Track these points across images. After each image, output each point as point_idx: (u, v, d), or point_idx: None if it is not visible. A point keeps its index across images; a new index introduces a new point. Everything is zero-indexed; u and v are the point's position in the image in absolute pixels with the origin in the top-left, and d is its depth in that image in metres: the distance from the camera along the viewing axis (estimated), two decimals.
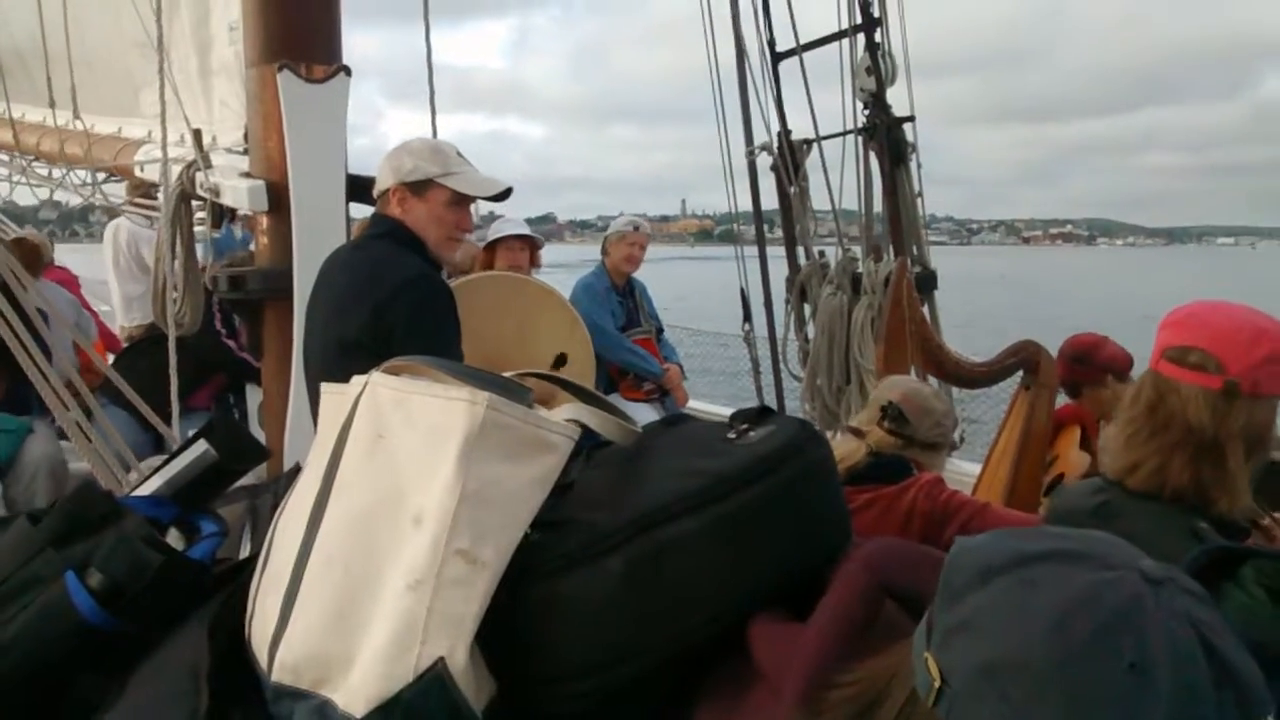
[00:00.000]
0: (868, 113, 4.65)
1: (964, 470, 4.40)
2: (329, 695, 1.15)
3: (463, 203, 3.01)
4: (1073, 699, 0.75)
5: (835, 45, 4.71)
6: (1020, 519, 2.77)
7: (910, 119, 4.62)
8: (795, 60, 4.81)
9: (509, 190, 3.09)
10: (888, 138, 4.54)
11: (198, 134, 3.65)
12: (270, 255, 3.51)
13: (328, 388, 1.40)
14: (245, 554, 1.74)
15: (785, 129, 4.95)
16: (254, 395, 4.53)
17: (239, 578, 1.42)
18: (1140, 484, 1.89)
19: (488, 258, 5.17)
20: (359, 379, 1.33)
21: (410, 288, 2.84)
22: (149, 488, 1.58)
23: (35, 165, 5.11)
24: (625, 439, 1.46)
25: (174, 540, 1.51)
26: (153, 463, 1.92)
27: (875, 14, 4.57)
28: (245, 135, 3.63)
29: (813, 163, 4.95)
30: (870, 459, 2.76)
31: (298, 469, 1.46)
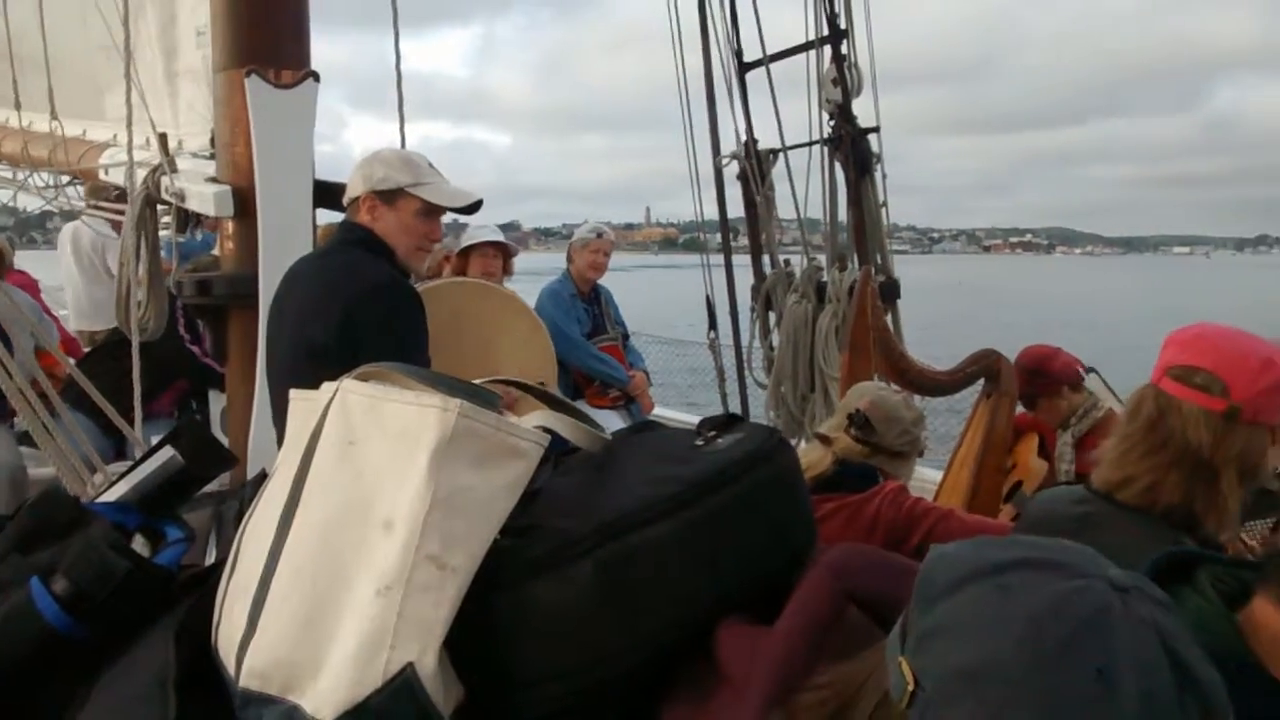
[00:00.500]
0: (833, 123, 4.69)
1: (926, 476, 4.43)
2: (297, 700, 1.15)
3: (433, 213, 3.02)
4: (1043, 703, 0.77)
5: (802, 56, 4.76)
6: (984, 525, 2.80)
7: (875, 129, 4.66)
8: (762, 70, 4.85)
9: (479, 202, 3.11)
10: (853, 148, 4.58)
11: (163, 138, 3.62)
12: (236, 260, 3.48)
13: (297, 394, 1.40)
14: (211, 560, 1.74)
15: (752, 138, 4.99)
16: (217, 401, 4.50)
17: (205, 584, 1.42)
18: (1132, 499, 1.90)
19: (461, 264, 5.17)
20: (329, 385, 1.33)
21: (380, 293, 2.85)
22: (115, 493, 1.56)
23: None
24: (594, 446, 1.46)
25: (140, 546, 1.50)
26: (118, 468, 1.91)
27: (842, 26, 4.61)
28: (212, 140, 3.61)
29: (779, 172, 4.99)
30: (837, 466, 2.78)
31: (264, 475, 1.46)
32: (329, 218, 3.58)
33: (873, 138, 4.67)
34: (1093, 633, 0.79)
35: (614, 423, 5.11)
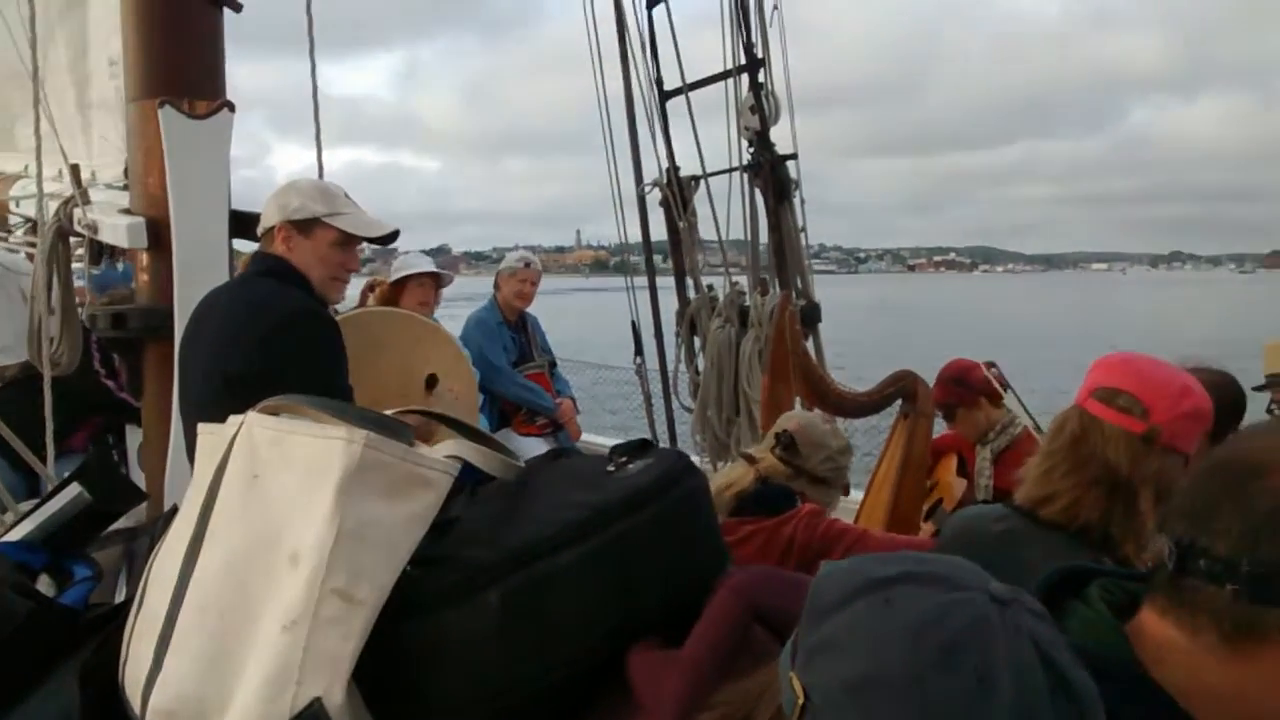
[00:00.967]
0: (752, 150, 4.75)
1: (848, 498, 4.49)
2: None
3: (349, 243, 3.00)
4: (925, 709, 0.80)
5: (721, 84, 4.83)
6: (900, 542, 2.84)
7: (793, 156, 4.73)
8: (684, 97, 4.91)
9: (396, 232, 3.10)
10: (772, 174, 4.65)
11: (75, 169, 3.56)
12: (151, 293, 3.43)
13: (204, 428, 1.40)
14: (121, 597, 1.71)
15: (674, 165, 5.04)
16: (134, 436, 4.40)
17: (113, 621, 1.40)
18: (1052, 516, 1.96)
19: (394, 294, 5.14)
20: (235, 419, 1.33)
21: (297, 323, 2.81)
22: (19, 532, 1.54)
23: None
24: (508, 474, 1.47)
25: (45, 587, 1.48)
26: (29, 506, 1.88)
27: (759, 55, 4.69)
28: (126, 171, 3.56)
29: (701, 196, 5.04)
30: (757, 485, 2.80)
31: (175, 510, 1.45)
32: (249, 248, 3.54)
33: (791, 164, 4.74)
34: (972, 641, 0.82)
35: (541, 450, 5.11)
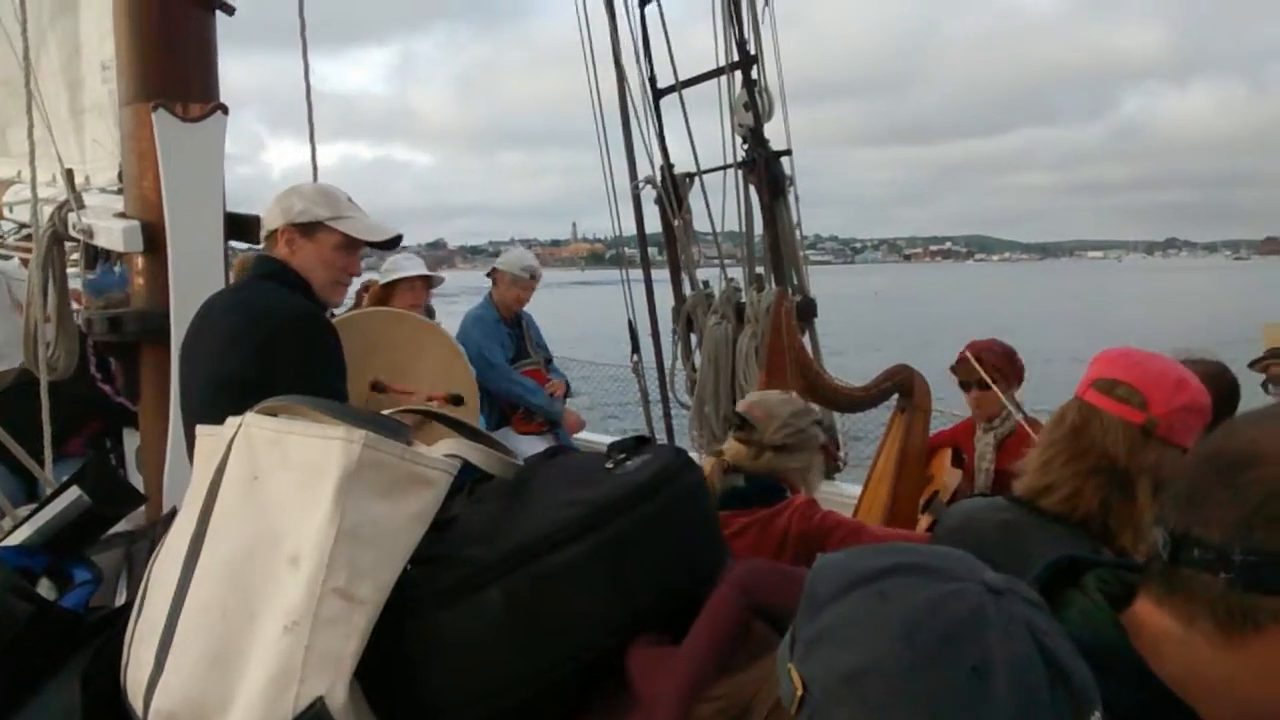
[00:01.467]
0: (746, 147, 4.76)
1: (846, 492, 4.51)
2: None
3: (352, 247, 3.03)
4: (923, 701, 0.80)
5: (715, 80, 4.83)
6: (895, 535, 2.85)
7: (787, 153, 4.74)
8: (677, 93, 4.92)
9: (399, 237, 3.13)
10: (766, 171, 4.66)
11: (70, 174, 3.56)
12: (147, 296, 3.43)
13: (202, 429, 1.40)
14: (121, 601, 1.71)
15: (668, 162, 5.05)
16: (131, 440, 4.41)
17: (114, 625, 1.40)
18: (1053, 506, 1.98)
19: (385, 295, 5.15)
20: (233, 420, 1.33)
21: (296, 326, 2.83)
22: (19, 537, 1.54)
23: None
24: (506, 472, 1.47)
25: (46, 590, 1.48)
26: (25, 512, 1.88)
27: (752, 51, 4.70)
28: (120, 175, 3.56)
29: (697, 192, 5.05)
30: (735, 478, 2.79)
31: (174, 513, 1.45)
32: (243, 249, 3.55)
33: (785, 160, 4.75)
34: (968, 632, 0.82)
35: (539, 448, 5.10)
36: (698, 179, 5.03)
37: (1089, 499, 1.94)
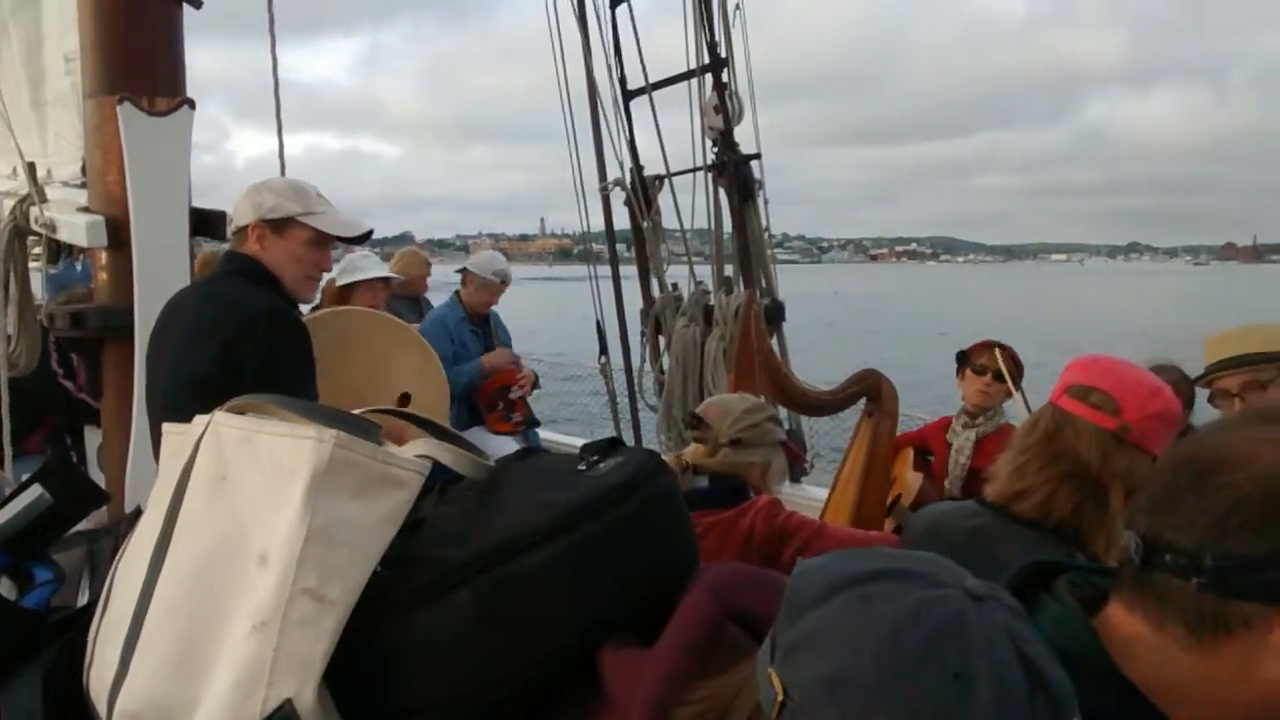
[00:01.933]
0: (716, 150, 4.77)
1: (813, 495, 4.53)
2: None
3: (323, 242, 3.01)
4: (904, 708, 0.80)
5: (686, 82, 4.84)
6: (854, 537, 2.86)
7: (757, 156, 4.76)
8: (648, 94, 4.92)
9: (370, 232, 3.12)
10: (736, 175, 4.67)
11: (31, 167, 3.51)
12: (110, 292, 3.39)
13: (169, 428, 1.38)
14: (84, 600, 1.69)
15: (637, 165, 5.04)
16: (93, 437, 4.35)
17: (77, 625, 1.38)
18: (1027, 511, 1.98)
19: (344, 296, 5.11)
20: (201, 418, 1.32)
21: (264, 324, 2.81)
22: None
23: None
24: (477, 473, 1.46)
25: (6, 590, 1.46)
26: None
27: (722, 54, 4.71)
28: (83, 169, 3.51)
29: (666, 192, 5.05)
30: (698, 479, 2.80)
31: (139, 512, 1.43)
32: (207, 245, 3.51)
33: (755, 164, 4.76)
34: (949, 639, 0.82)
35: (513, 449, 5.09)
36: (667, 181, 5.03)
37: (1062, 504, 1.95)
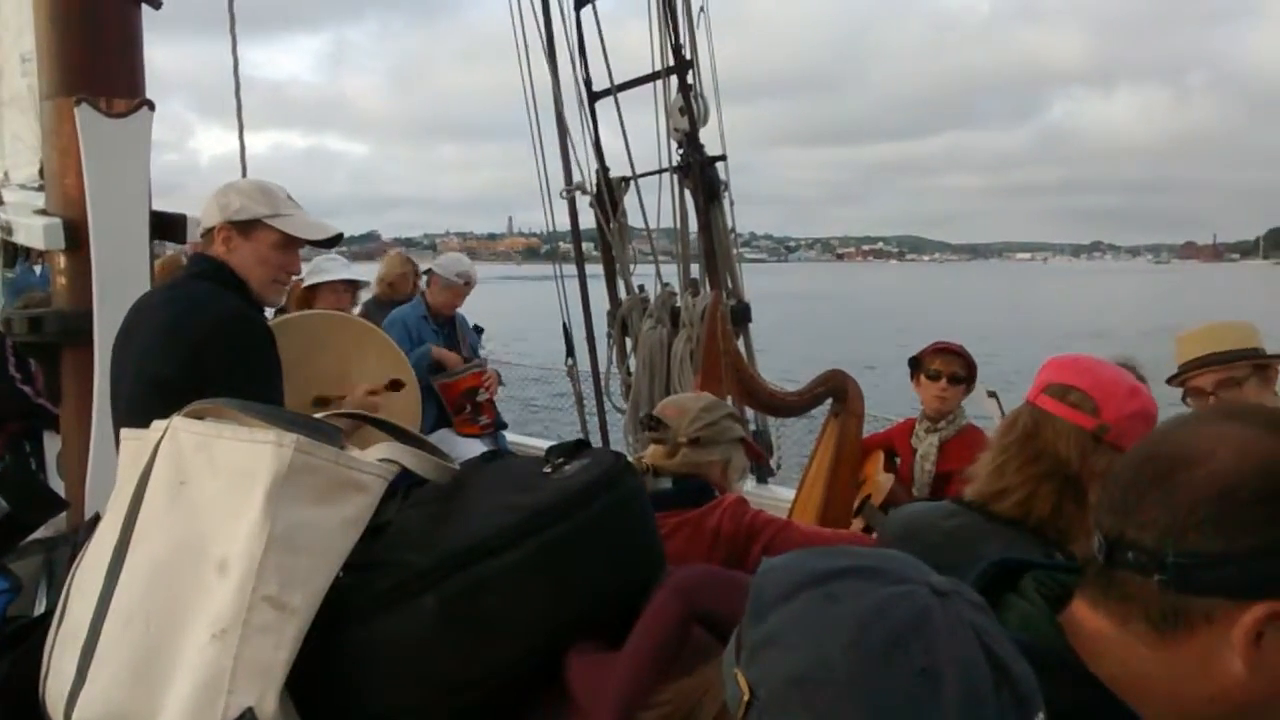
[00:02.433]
0: (682, 151, 4.77)
1: (780, 495, 4.54)
2: None
3: (291, 245, 2.97)
4: (870, 703, 0.80)
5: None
6: (820, 535, 2.86)
7: (722, 158, 4.76)
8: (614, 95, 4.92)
9: (339, 235, 3.09)
10: (701, 176, 4.67)
11: None
12: (69, 296, 3.34)
13: (127, 433, 1.36)
14: (41, 609, 1.66)
15: (603, 166, 5.04)
16: (52, 443, 4.29)
17: (33, 635, 1.36)
18: (1006, 511, 1.98)
19: (308, 297, 5.06)
20: (160, 423, 1.30)
21: (228, 328, 2.78)
22: None
23: None
24: (442, 477, 1.45)
25: None
26: None
27: (687, 56, 4.71)
28: (41, 171, 3.46)
29: (632, 194, 5.05)
30: (661, 481, 2.79)
31: (97, 519, 1.41)
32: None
33: (720, 166, 4.77)
34: (915, 634, 0.82)
35: (480, 451, 5.07)
36: (633, 183, 5.03)
37: (1042, 503, 1.95)
